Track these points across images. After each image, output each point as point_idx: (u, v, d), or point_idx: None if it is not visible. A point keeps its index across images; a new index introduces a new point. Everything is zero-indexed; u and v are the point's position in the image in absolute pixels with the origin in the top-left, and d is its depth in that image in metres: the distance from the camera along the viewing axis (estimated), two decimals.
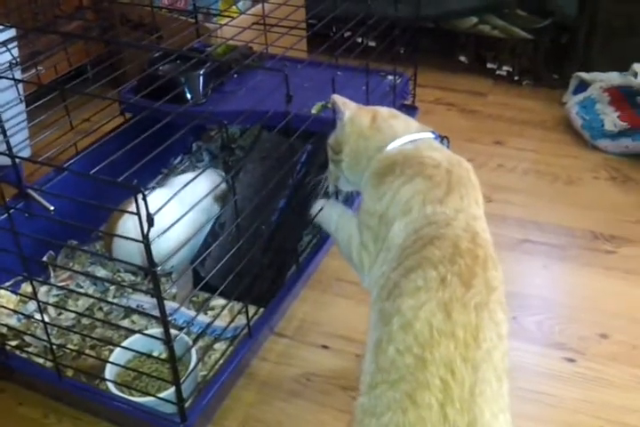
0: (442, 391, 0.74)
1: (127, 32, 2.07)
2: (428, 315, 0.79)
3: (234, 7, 1.92)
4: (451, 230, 0.90)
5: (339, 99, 1.15)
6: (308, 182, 1.32)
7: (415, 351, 0.77)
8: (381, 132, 1.09)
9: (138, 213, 0.82)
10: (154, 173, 1.74)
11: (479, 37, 2.27)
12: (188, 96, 1.56)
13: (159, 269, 0.89)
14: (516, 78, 2.27)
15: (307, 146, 1.40)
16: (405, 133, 1.07)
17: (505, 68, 2.28)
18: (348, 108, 1.13)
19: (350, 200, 1.25)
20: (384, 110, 1.14)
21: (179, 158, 1.82)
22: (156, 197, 1.28)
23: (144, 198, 0.82)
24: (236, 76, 1.63)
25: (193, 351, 1.14)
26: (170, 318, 0.96)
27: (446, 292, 0.81)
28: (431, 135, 1.08)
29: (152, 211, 0.81)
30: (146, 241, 0.85)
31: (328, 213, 1.15)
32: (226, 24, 1.52)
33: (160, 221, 0.83)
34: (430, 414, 0.73)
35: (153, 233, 0.84)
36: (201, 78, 1.57)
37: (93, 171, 0.89)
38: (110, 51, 1.54)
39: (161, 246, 0.91)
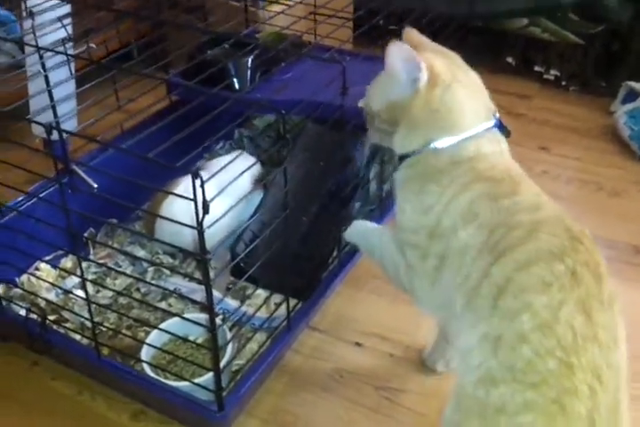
0: (590, 399, 0.73)
1: (175, 15, 2.06)
2: (569, 317, 0.76)
3: None
4: (551, 212, 0.85)
5: (406, 49, 0.92)
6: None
7: (559, 355, 0.75)
8: (450, 113, 0.92)
9: (194, 200, 0.82)
10: (195, 157, 1.73)
11: (528, 39, 2.23)
12: (236, 83, 1.55)
13: (209, 256, 0.89)
14: (563, 83, 2.22)
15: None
16: (472, 125, 0.93)
17: (553, 72, 2.24)
18: (426, 65, 0.91)
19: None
20: (461, 75, 0.95)
21: (220, 144, 1.82)
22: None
23: (202, 185, 0.81)
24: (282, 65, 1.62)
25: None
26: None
27: (581, 288, 0.78)
28: (492, 123, 0.96)
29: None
30: (200, 228, 0.84)
31: (366, 238, 1.10)
32: (281, 12, 1.51)
33: None
34: (580, 423, 0.73)
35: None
36: (249, 66, 1.56)
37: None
38: (160, 33, 1.53)
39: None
